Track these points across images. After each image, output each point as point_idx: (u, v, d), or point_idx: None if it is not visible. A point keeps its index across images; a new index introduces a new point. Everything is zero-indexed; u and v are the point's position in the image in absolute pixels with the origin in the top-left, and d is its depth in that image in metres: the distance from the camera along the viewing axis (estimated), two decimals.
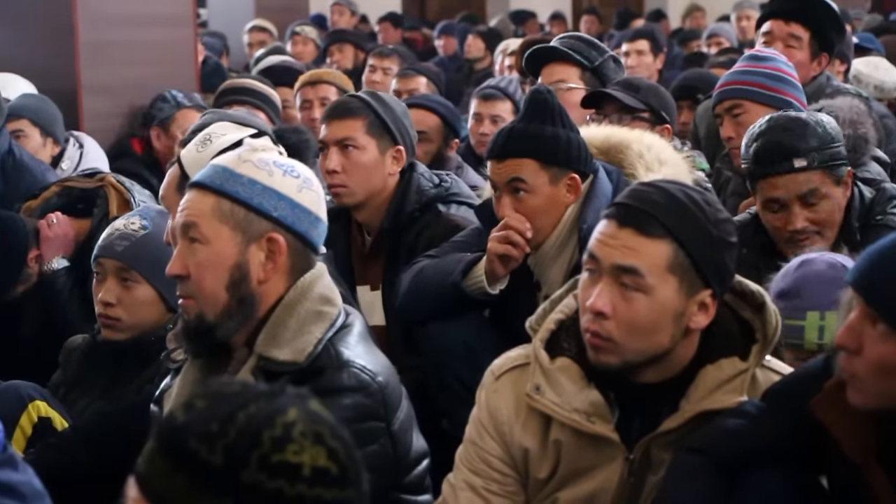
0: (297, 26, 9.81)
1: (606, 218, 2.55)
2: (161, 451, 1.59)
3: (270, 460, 1.56)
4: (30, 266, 4.26)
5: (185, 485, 1.56)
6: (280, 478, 1.56)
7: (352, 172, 4.03)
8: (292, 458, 1.57)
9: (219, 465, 1.56)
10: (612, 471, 2.58)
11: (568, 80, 4.78)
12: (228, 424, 1.57)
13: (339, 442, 1.61)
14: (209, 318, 2.66)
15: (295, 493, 1.56)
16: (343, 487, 1.60)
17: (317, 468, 1.58)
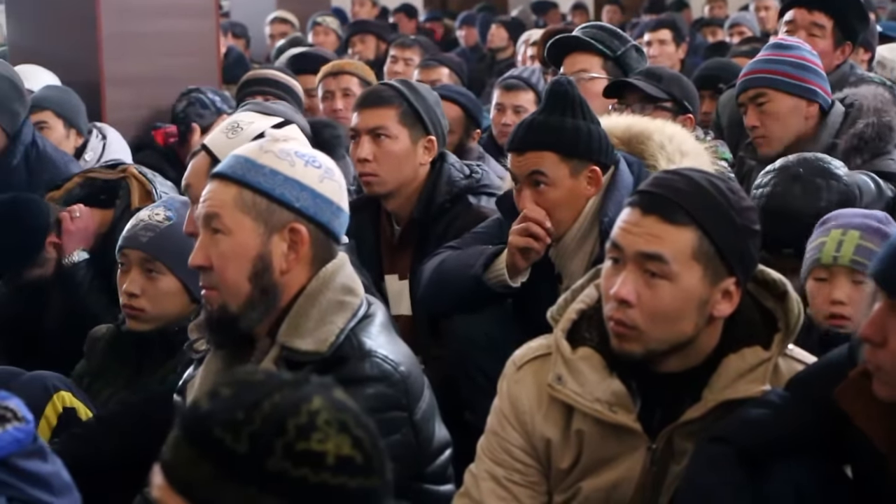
0: (319, 17, 9.82)
1: (630, 206, 2.55)
2: (186, 439, 1.59)
3: (295, 448, 1.56)
4: (48, 251, 4.26)
5: (211, 472, 1.56)
6: (304, 466, 1.57)
7: (383, 161, 4.03)
8: (317, 446, 1.57)
9: (243, 453, 1.56)
10: (634, 460, 2.58)
11: (590, 70, 4.77)
12: (253, 412, 1.58)
13: (363, 431, 1.62)
14: (232, 308, 2.67)
15: (319, 482, 1.57)
16: (367, 476, 1.60)
17: (341, 457, 1.58)
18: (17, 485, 1.85)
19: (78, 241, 4.25)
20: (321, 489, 1.57)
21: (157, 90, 5.68)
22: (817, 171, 3.57)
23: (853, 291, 3.13)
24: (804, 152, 3.81)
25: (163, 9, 5.75)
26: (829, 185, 3.53)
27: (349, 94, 5.58)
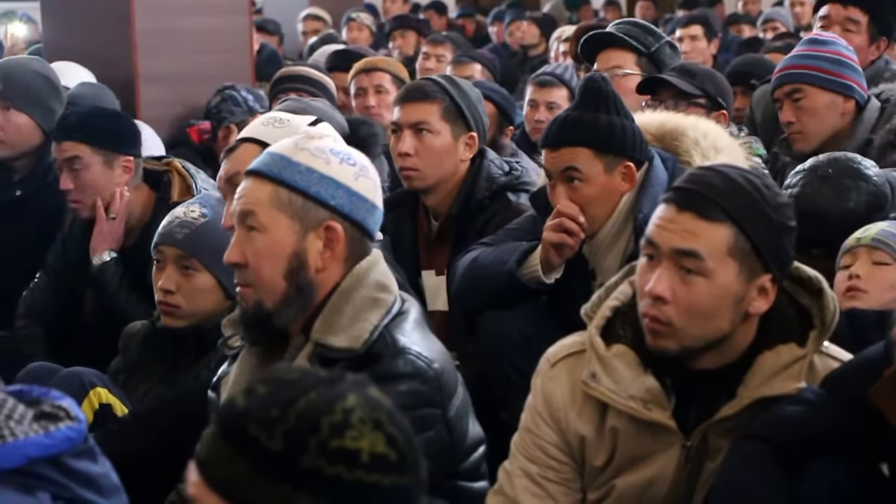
0: (353, 13, 9.84)
1: (665, 202, 2.55)
2: (222, 437, 1.60)
3: (329, 446, 1.57)
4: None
5: (246, 470, 1.57)
6: (339, 464, 1.57)
7: (424, 156, 4.03)
8: (351, 444, 1.57)
9: (278, 451, 1.56)
10: (669, 458, 2.58)
11: (624, 66, 4.76)
12: (288, 410, 1.58)
13: (397, 429, 1.62)
14: (267, 306, 2.67)
15: (354, 479, 1.57)
16: (401, 474, 1.60)
17: (375, 454, 1.58)
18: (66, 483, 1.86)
19: (108, 242, 4.26)
20: (355, 487, 1.57)
21: (191, 87, 5.70)
22: (847, 172, 3.56)
23: (872, 270, 3.21)
24: (836, 151, 3.80)
25: (196, 6, 5.76)
26: (859, 186, 3.52)
27: (382, 90, 5.59)
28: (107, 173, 4.26)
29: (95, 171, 4.25)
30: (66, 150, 4.26)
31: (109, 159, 4.26)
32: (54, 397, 1.92)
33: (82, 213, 4.29)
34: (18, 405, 1.87)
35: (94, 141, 4.26)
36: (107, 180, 4.26)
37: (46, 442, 1.84)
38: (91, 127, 4.30)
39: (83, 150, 4.25)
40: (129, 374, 3.69)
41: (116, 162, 4.26)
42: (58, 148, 4.30)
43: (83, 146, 4.25)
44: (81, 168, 4.24)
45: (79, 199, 4.27)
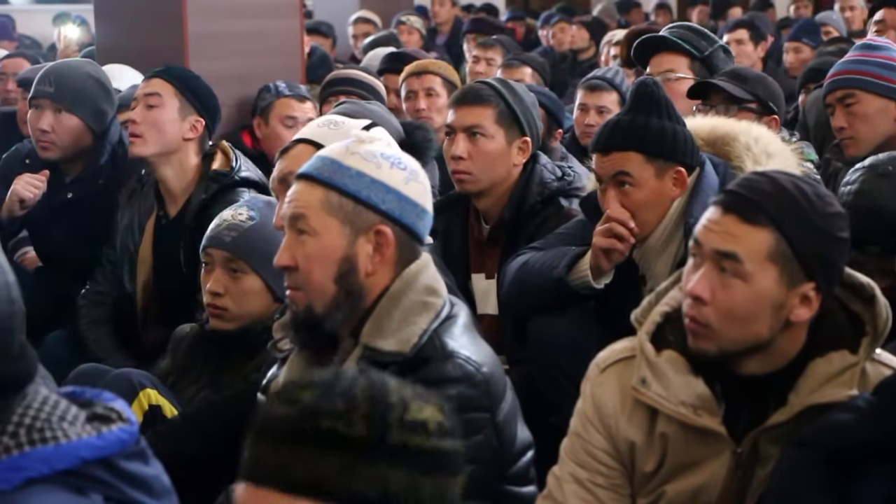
0: (403, 15, 9.85)
1: (713, 204, 2.55)
2: (296, 442, 1.59)
3: (405, 419, 1.60)
4: None
5: (337, 463, 1.58)
6: (419, 434, 1.61)
7: (477, 160, 4.04)
8: (418, 415, 1.62)
9: (363, 435, 1.58)
10: (719, 464, 2.56)
11: (677, 70, 4.75)
12: (352, 399, 1.60)
13: (438, 399, 1.67)
14: (317, 310, 2.68)
15: (431, 447, 1.61)
16: (454, 439, 1.66)
17: (438, 422, 1.63)
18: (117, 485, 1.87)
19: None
20: (433, 454, 1.62)
21: (242, 89, 5.72)
22: None
23: None
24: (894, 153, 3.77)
25: (248, 8, 5.78)
26: None
27: (432, 93, 5.60)
28: (176, 120, 4.37)
29: (168, 113, 4.35)
30: (151, 85, 4.42)
31: (185, 109, 4.39)
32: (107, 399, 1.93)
33: (139, 150, 4.36)
34: (71, 407, 1.88)
35: (178, 84, 4.41)
36: (174, 127, 4.36)
37: (99, 444, 1.85)
38: (178, 73, 4.49)
39: (166, 89, 4.39)
40: (178, 375, 3.70)
41: (189, 117, 4.36)
42: (142, 85, 4.46)
43: (167, 85, 4.40)
44: (157, 105, 4.36)
45: (141, 132, 4.34)
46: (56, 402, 1.87)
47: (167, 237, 4.35)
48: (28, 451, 1.80)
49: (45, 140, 4.76)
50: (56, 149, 4.77)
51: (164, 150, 4.33)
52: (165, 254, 4.34)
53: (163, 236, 4.38)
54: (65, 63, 5.25)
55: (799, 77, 6.50)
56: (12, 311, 1.81)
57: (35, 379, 1.88)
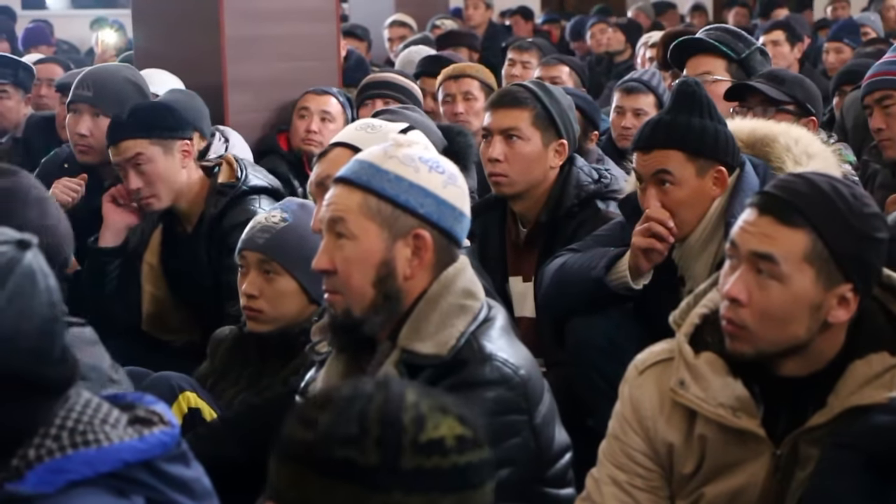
0: (438, 19, 9.86)
1: (749, 206, 2.54)
2: (310, 471, 1.59)
3: (420, 441, 1.59)
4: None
5: (352, 493, 1.57)
6: (434, 455, 1.59)
7: (514, 162, 4.04)
8: (435, 433, 1.60)
9: (376, 463, 1.57)
10: (758, 466, 2.56)
11: (714, 72, 4.74)
12: (366, 423, 1.59)
13: (459, 407, 1.65)
14: (355, 313, 2.68)
15: (450, 465, 1.60)
16: (482, 448, 1.64)
17: (458, 437, 1.61)
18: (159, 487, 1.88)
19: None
20: (453, 472, 1.60)
21: (279, 93, 5.74)
22: None
23: None
24: None
25: (285, 12, 5.80)
26: None
27: (470, 97, 5.61)
28: (169, 162, 4.33)
29: (159, 163, 4.31)
30: (125, 149, 4.32)
31: (168, 148, 4.33)
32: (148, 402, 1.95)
33: (156, 206, 4.35)
34: (113, 410, 1.89)
35: (147, 133, 4.32)
36: (171, 168, 4.32)
37: (141, 446, 1.86)
38: (143, 121, 4.36)
39: (141, 144, 4.31)
40: (217, 378, 3.72)
41: (174, 148, 4.33)
42: (115, 151, 4.35)
43: (141, 141, 4.32)
44: (145, 163, 4.30)
45: (151, 193, 4.32)
46: (98, 405, 1.88)
47: (186, 252, 4.36)
48: (71, 454, 1.81)
49: (84, 144, 4.80)
50: (94, 152, 4.80)
51: (177, 193, 4.35)
52: (186, 268, 4.36)
53: (181, 251, 4.39)
54: (103, 67, 5.28)
55: (833, 79, 6.49)
56: (53, 315, 1.82)
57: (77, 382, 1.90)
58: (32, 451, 1.81)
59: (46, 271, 1.84)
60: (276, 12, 5.77)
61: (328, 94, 5.57)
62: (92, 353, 2.50)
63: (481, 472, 1.63)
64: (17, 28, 11.13)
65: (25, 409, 1.80)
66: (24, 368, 1.77)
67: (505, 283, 4.11)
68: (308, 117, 5.53)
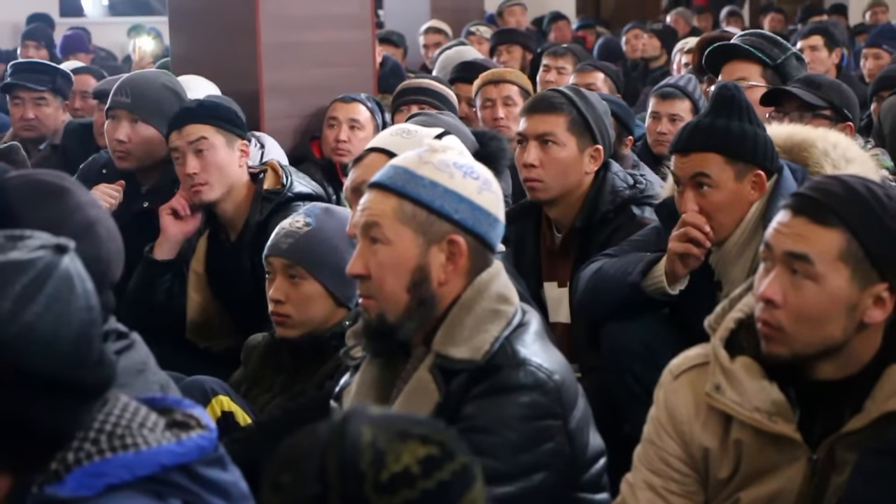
0: (473, 26, 9.86)
1: (783, 208, 2.54)
2: None
3: (382, 481, 1.58)
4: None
5: None
6: (400, 490, 1.58)
7: (549, 168, 4.04)
8: (396, 466, 1.59)
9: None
10: (794, 471, 2.55)
11: (749, 78, 4.73)
12: (326, 477, 1.59)
13: (420, 426, 1.64)
14: (390, 318, 2.69)
15: (420, 492, 1.59)
16: (453, 459, 1.62)
17: (421, 461, 1.60)
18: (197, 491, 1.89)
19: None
20: (426, 498, 1.59)
21: (315, 100, 5.75)
22: None
23: None
24: None
25: (321, 19, 5.81)
26: None
27: (510, 102, 5.61)
28: (230, 154, 4.35)
29: (220, 151, 4.33)
30: (190, 133, 4.33)
31: (230, 141, 4.35)
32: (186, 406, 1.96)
33: (206, 196, 4.35)
34: (151, 414, 1.91)
35: (214, 121, 4.35)
36: (230, 161, 4.34)
37: (178, 450, 1.87)
38: (211, 108, 4.41)
39: (207, 130, 4.33)
40: (251, 384, 3.73)
41: (235, 144, 4.36)
42: (178, 134, 4.35)
43: (207, 127, 4.33)
44: (207, 149, 4.31)
45: (205, 180, 4.32)
46: (136, 409, 1.89)
47: (230, 260, 4.37)
48: (109, 458, 1.83)
49: (122, 150, 4.81)
50: (132, 158, 4.82)
51: (229, 188, 4.35)
52: (229, 276, 4.37)
53: (225, 259, 4.40)
54: (140, 74, 5.31)
55: (871, 85, 6.45)
56: (91, 319, 1.83)
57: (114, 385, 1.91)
58: (71, 454, 1.82)
59: (84, 275, 1.85)
60: (312, 19, 5.78)
61: (356, 101, 5.57)
62: (140, 386, 2.49)
63: (457, 485, 1.62)
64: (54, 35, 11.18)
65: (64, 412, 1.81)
66: (61, 372, 1.78)
67: (539, 288, 4.11)
68: (337, 127, 5.53)
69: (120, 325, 2.52)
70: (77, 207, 2.44)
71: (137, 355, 2.52)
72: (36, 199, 2.42)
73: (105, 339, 2.39)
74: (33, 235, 1.85)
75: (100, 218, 2.47)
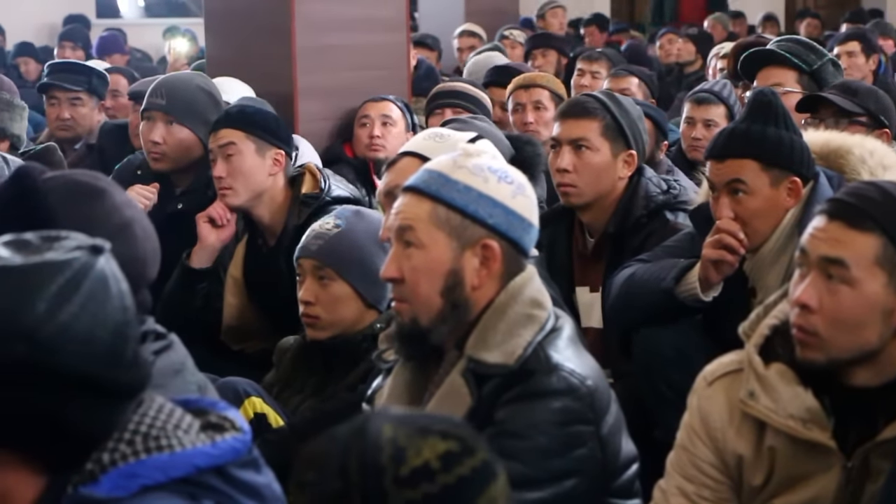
0: (506, 30, 9.85)
1: (819, 213, 2.54)
2: None
3: (402, 475, 1.59)
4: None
5: None
6: (421, 483, 1.60)
7: (583, 173, 4.03)
8: (416, 461, 1.60)
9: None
10: (829, 479, 2.54)
11: (785, 84, 4.71)
12: (347, 474, 1.60)
13: (440, 422, 1.65)
14: (423, 322, 2.69)
15: (441, 487, 1.60)
16: (473, 454, 1.63)
17: (441, 456, 1.61)
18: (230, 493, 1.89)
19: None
20: (447, 493, 1.60)
21: (349, 102, 5.76)
22: None
23: None
24: None
25: (356, 22, 5.82)
26: None
27: (540, 106, 5.60)
28: (258, 162, 4.34)
29: (248, 158, 4.33)
30: (221, 137, 4.36)
31: (261, 148, 4.35)
32: (220, 408, 1.96)
33: (230, 201, 4.36)
34: (186, 415, 1.91)
35: (247, 127, 4.36)
36: (258, 168, 4.34)
37: (213, 452, 1.88)
38: (247, 115, 4.42)
39: (237, 136, 4.34)
40: (283, 386, 3.74)
41: (268, 153, 4.35)
42: (214, 137, 4.40)
43: (237, 132, 4.34)
44: (234, 154, 4.32)
45: (230, 185, 4.34)
46: (171, 411, 1.90)
47: (267, 265, 4.38)
48: (144, 459, 1.83)
49: (157, 151, 4.83)
50: (167, 160, 4.84)
51: (255, 194, 4.36)
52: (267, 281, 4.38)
53: (263, 264, 4.41)
54: (175, 76, 5.33)
55: None
56: (126, 320, 1.84)
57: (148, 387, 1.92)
58: (107, 455, 1.83)
59: (119, 276, 1.86)
60: (347, 21, 5.79)
61: (386, 100, 5.61)
62: (177, 387, 2.50)
63: (476, 481, 1.63)
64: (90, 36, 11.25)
65: (98, 413, 1.82)
66: (97, 373, 1.79)
67: (572, 293, 4.10)
68: (370, 124, 5.56)
69: (158, 326, 2.53)
70: (114, 208, 2.45)
71: (175, 356, 2.52)
72: (73, 199, 2.44)
73: (143, 339, 2.41)
74: (69, 236, 1.86)
75: (136, 218, 2.48)
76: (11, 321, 1.75)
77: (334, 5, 5.77)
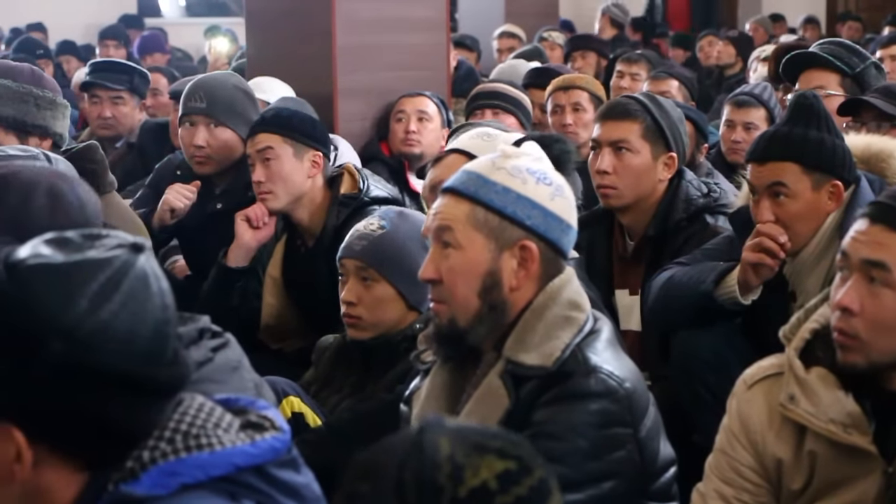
0: (545, 31, 9.85)
1: (860, 217, 2.53)
2: None
3: (460, 496, 1.55)
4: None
5: None
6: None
7: (623, 175, 4.02)
8: (474, 481, 1.56)
9: None
10: (869, 484, 2.53)
11: (827, 87, 4.69)
12: (403, 492, 1.56)
13: (497, 439, 1.61)
14: (461, 323, 2.69)
15: None
16: (530, 474, 1.60)
17: (499, 475, 1.57)
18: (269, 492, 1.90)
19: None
20: None
21: (389, 102, 5.77)
22: None
23: None
24: None
25: (396, 22, 5.83)
26: None
27: (579, 108, 5.59)
28: (296, 165, 4.36)
29: (285, 162, 4.35)
30: (259, 141, 4.37)
31: (299, 151, 4.36)
32: (260, 407, 1.96)
33: (271, 205, 4.38)
34: (226, 414, 1.92)
35: (284, 131, 4.37)
36: (296, 171, 4.35)
37: (252, 451, 1.88)
38: (283, 119, 4.42)
39: (274, 140, 4.36)
40: (321, 386, 3.74)
41: (306, 155, 4.36)
42: (251, 142, 4.41)
43: (275, 136, 4.36)
44: (273, 158, 4.34)
45: (269, 189, 4.35)
46: (211, 409, 1.91)
47: (306, 265, 4.39)
48: (184, 458, 1.84)
49: (201, 155, 4.81)
50: (212, 163, 4.83)
51: (295, 197, 4.37)
52: (306, 281, 4.39)
53: (301, 265, 4.42)
54: (211, 77, 5.33)
55: None
56: (166, 318, 1.85)
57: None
58: (147, 452, 1.84)
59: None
60: (387, 22, 5.80)
61: (422, 95, 5.62)
62: (236, 383, 2.50)
63: (534, 501, 1.58)
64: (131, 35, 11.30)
65: (138, 410, 1.83)
66: (137, 370, 1.80)
67: (611, 295, 4.09)
68: (405, 119, 5.57)
69: (214, 325, 2.54)
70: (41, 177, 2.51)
71: (233, 353, 2.53)
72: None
73: (200, 336, 2.42)
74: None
75: (64, 191, 2.53)
76: (52, 318, 1.75)
77: (375, 5, 5.78)
